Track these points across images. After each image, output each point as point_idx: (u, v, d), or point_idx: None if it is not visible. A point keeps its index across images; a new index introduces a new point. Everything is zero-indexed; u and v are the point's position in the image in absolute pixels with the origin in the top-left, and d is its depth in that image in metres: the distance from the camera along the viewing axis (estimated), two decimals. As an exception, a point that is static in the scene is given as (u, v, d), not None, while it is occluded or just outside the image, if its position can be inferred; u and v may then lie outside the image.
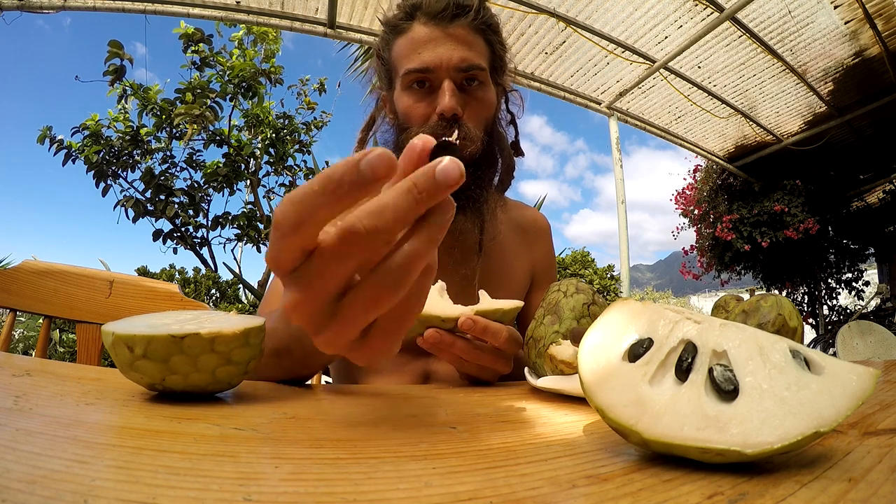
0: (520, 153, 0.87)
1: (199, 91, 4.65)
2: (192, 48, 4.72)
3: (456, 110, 0.70)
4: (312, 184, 0.23)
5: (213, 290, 5.15)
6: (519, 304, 0.54)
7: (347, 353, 0.28)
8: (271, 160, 5.41)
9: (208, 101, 4.64)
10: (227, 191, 5.10)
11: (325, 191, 0.22)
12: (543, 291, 0.88)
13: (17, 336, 4.90)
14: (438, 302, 0.52)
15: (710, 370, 0.26)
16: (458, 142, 0.30)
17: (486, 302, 0.54)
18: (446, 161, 0.23)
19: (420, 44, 0.72)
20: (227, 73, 4.81)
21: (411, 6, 0.74)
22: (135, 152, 4.68)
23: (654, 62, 3.43)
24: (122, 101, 4.67)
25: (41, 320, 0.88)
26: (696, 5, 2.97)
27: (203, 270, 5.17)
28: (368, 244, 0.23)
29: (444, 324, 0.50)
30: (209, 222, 5.03)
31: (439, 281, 0.57)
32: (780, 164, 4.72)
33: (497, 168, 0.81)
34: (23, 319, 4.83)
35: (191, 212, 4.91)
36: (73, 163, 4.64)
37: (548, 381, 0.45)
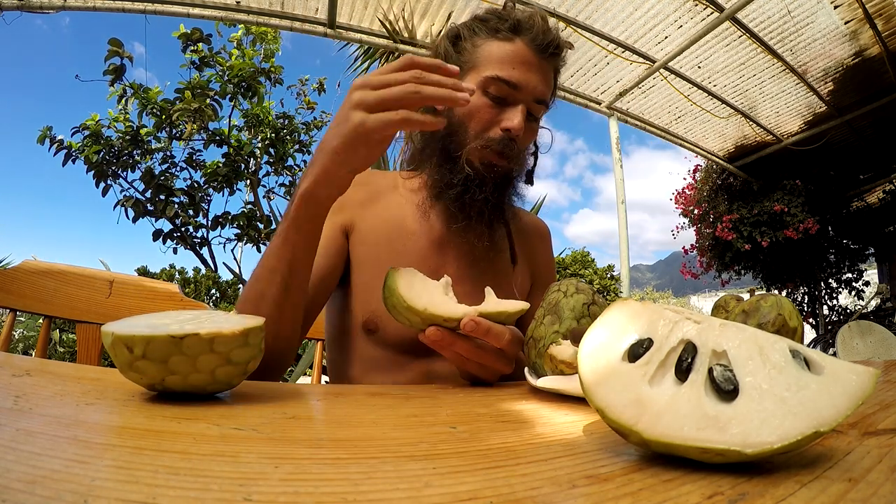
0: (530, 181, 0.90)
1: (198, 91, 4.65)
2: (191, 48, 4.72)
3: (520, 133, 0.75)
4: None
5: (213, 290, 5.15)
6: (524, 305, 0.54)
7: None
8: (271, 160, 5.41)
9: (207, 101, 4.63)
10: (227, 191, 5.09)
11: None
12: (542, 296, 0.88)
13: (17, 336, 4.90)
14: (443, 301, 0.52)
15: (710, 370, 0.26)
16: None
17: (491, 303, 0.54)
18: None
19: (518, 61, 0.75)
20: (227, 72, 4.81)
21: (517, 23, 0.76)
22: (135, 152, 4.68)
23: (654, 62, 3.43)
24: (123, 101, 4.67)
25: (41, 320, 0.88)
26: (696, 5, 2.97)
27: (203, 270, 5.17)
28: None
29: (446, 323, 0.50)
30: (209, 222, 5.03)
31: (445, 276, 0.57)
32: (780, 164, 4.72)
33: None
34: (23, 319, 4.83)
35: (191, 212, 4.91)
36: (73, 163, 4.64)
37: (548, 381, 0.45)
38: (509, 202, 0.81)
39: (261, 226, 5.17)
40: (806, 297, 5.56)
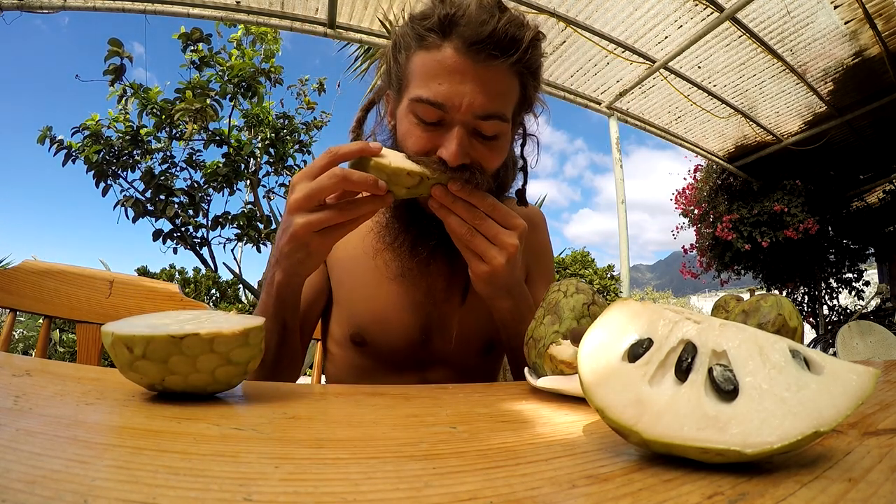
0: (523, 202, 0.82)
1: (198, 91, 4.65)
2: (192, 48, 4.72)
3: (462, 161, 0.62)
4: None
5: (213, 290, 5.15)
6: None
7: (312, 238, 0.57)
8: (271, 160, 5.41)
9: (208, 101, 4.63)
10: (227, 191, 5.09)
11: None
12: (539, 285, 0.87)
13: (17, 336, 4.90)
14: (403, 160, 0.58)
15: (710, 370, 0.26)
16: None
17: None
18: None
19: (443, 73, 0.61)
20: (227, 73, 4.81)
21: (448, 18, 0.61)
22: (135, 152, 4.67)
23: (654, 62, 3.43)
24: (123, 101, 4.67)
25: (41, 320, 0.88)
26: (696, 5, 2.97)
27: (203, 270, 5.17)
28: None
29: (409, 178, 0.57)
30: (209, 222, 5.03)
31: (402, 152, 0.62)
32: (780, 164, 4.72)
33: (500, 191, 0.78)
34: (23, 319, 4.83)
35: (191, 212, 4.91)
36: (73, 163, 4.64)
37: (548, 381, 0.45)
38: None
39: (261, 226, 5.17)
40: (806, 297, 5.56)
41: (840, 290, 5.47)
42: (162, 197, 4.70)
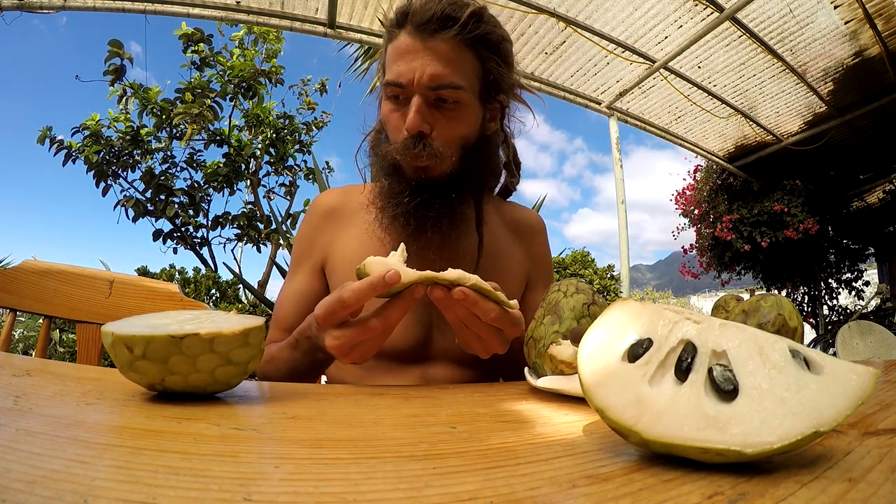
0: (511, 179, 0.86)
1: (198, 91, 4.65)
2: (192, 48, 4.72)
3: (421, 128, 0.69)
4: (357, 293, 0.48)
5: (213, 290, 5.15)
6: (461, 273, 0.51)
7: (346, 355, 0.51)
8: (271, 160, 5.41)
9: (208, 102, 4.63)
10: (227, 191, 5.09)
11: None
12: (540, 291, 0.87)
13: (17, 336, 4.90)
14: (400, 266, 0.51)
15: (710, 370, 0.26)
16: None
17: (450, 272, 0.51)
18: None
19: (399, 55, 0.70)
20: (227, 72, 4.81)
21: (402, 13, 0.71)
22: (135, 152, 4.68)
23: (654, 62, 3.43)
24: (123, 101, 4.67)
25: (41, 320, 0.88)
26: (696, 5, 2.97)
27: (203, 270, 5.17)
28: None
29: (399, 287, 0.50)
30: (209, 222, 5.03)
31: (401, 245, 0.54)
32: (780, 164, 4.72)
33: (482, 182, 0.79)
34: (23, 319, 4.83)
35: (191, 212, 4.91)
36: (73, 163, 4.64)
37: (548, 381, 0.45)
38: (459, 202, 0.74)
39: (261, 226, 5.17)
40: (806, 297, 5.56)
41: (840, 290, 5.47)
42: (162, 197, 4.70)
